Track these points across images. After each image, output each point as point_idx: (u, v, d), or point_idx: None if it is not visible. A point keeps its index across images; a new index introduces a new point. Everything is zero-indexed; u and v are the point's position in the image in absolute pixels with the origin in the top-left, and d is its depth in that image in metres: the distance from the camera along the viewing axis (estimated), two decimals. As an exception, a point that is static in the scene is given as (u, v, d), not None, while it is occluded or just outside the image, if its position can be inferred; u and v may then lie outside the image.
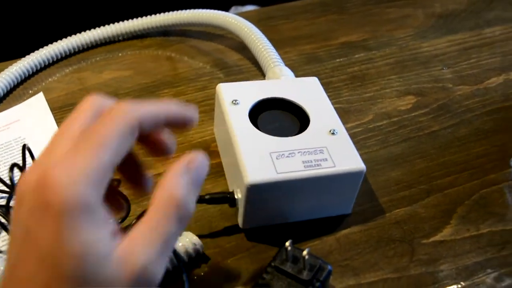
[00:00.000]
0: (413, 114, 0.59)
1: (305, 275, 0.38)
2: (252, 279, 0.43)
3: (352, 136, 0.55)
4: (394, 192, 0.50)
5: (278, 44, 0.69)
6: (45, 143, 0.31)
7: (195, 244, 0.44)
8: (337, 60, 0.67)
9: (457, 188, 0.50)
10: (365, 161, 0.52)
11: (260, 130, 0.46)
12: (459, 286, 0.42)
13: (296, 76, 0.61)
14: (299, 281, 0.38)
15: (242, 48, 0.69)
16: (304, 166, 0.43)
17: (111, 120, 0.29)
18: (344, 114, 0.59)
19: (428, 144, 0.55)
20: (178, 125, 0.34)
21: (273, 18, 0.76)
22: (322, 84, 0.55)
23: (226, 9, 1.12)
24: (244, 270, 0.43)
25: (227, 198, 0.45)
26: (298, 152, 0.44)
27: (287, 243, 0.39)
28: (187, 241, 0.44)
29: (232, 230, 0.47)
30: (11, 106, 0.65)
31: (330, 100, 0.51)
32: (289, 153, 0.44)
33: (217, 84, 0.52)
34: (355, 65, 0.66)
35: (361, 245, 0.46)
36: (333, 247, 0.45)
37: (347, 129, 0.55)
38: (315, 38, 0.71)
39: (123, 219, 0.47)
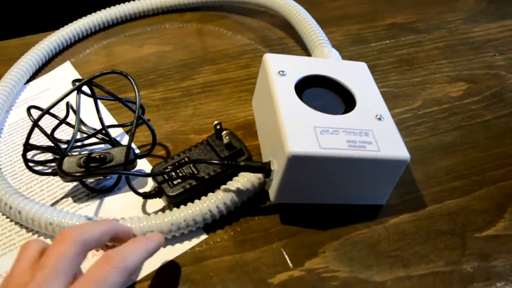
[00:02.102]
0: (464, 102, 0.56)
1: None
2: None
3: (401, 122, 0.53)
4: (445, 182, 0.48)
5: (322, 23, 0.66)
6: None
7: (259, 178, 0.46)
8: (384, 42, 0.64)
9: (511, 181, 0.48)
10: (414, 148, 0.50)
11: (305, 104, 0.45)
12: (515, 283, 0.41)
13: (342, 57, 0.59)
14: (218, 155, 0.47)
15: (285, 25, 0.67)
16: (348, 146, 0.41)
17: (60, 247, 0.34)
18: (392, 98, 0.57)
19: (481, 134, 0.53)
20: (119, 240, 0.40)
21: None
22: (370, 66, 0.53)
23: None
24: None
25: (262, 168, 0.43)
26: (343, 131, 0.42)
27: (216, 122, 0.47)
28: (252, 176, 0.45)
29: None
30: (47, 77, 0.65)
31: (377, 84, 0.49)
32: (334, 130, 0.42)
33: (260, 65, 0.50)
34: (403, 48, 0.64)
35: (410, 235, 0.44)
36: (381, 236, 0.44)
37: (395, 114, 0.54)
38: (361, 18, 0.69)
39: (149, 152, 0.50)
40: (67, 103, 0.53)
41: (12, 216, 0.46)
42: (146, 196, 0.46)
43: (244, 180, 0.45)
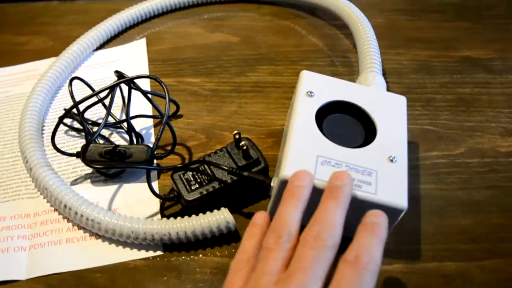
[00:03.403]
0: (510, 160, 0.53)
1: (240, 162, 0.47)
2: None
3: (434, 167, 0.51)
4: (454, 242, 0.46)
5: (393, 42, 0.65)
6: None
7: (228, 222, 0.46)
8: (450, 75, 0.61)
9: (528, 259, 0.45)
10: (437, 197, 0.49)
11: (322, 129, 0.45)
12: None
13: (395, 84, 0.57)
14: (235, 163, 0.48)
15: (354, 38, 0.66)
16: None
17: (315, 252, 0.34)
18: (434, 139, 0.54)
19: (515, 199, 0.50)
20: None
21: (397, 11, 0.71)
22: (424, 99, 0.52)
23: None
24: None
25: (263, 182, 0.45)
26: (346, 166, 0.42)
27: (235, 132, 0.47)
28: (221, 218, 0.46)
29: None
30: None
31: (424, 121, 0.49)
32: (336, 163, 0.42)
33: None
34: (467, 85, 0.60)
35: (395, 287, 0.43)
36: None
37: (431, 157, 0.52)
38: (435, 44, 0.65)
39: (167, 154, 0.53)
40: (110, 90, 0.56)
41: (38, 188, 0.52)
42: (165, 198, 0.49)
43: (212, 220, 0.46)
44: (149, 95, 0.54)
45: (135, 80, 0.53)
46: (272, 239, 0.36)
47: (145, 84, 0.62)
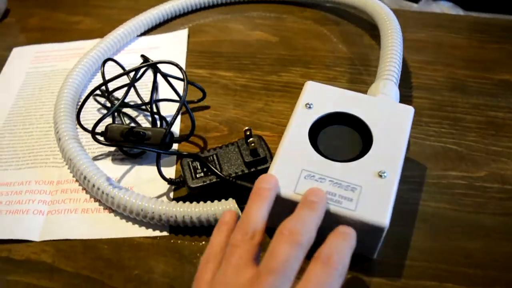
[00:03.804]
0: (532, 190, 0.51)
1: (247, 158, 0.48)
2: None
3: (450, 186, 0.51)
4: (458, 264, 0.45)
5: (431, 58, 0.64)
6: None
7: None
8: (485, 97, 0.59)
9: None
10: (447, 217, 0.48)
11: (316, 141, 0.46)
12: None
13: (425, 99, 0.57)
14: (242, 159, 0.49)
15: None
16: None
17: (288, 250, 0.34)
18: (456, 158, 0.53)
19: (530, 231, 0.48)
20: None
21: (440, 27, 0.69)
22: (453, 117, 0.51)
23: (416, 0, 1.04)
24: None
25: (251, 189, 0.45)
26: (330, 181, 0.42)
27: (246, 128, 0.48)
28: (227, 208, 0.47)
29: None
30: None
31: (449, 140, 0.50)
32: (320, 177, 0.42)
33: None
34: (501, 110, 0.58)
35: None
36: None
37: (449, 177, 0.51)
38: (474, 64, 0.64)
39: (186, 138, 0.54)
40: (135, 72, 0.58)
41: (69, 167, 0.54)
42: (170, 182, 0.51)
43: (218, 208, 0.47)
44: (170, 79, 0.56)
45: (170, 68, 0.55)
46: (238, 235, 0.37)
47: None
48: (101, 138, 0.53)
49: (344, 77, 0.63)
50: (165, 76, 0.55)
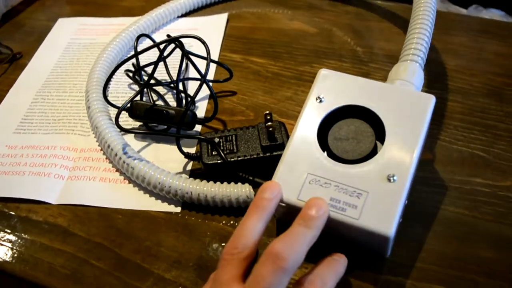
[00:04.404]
0: (559, 205, 0.49)
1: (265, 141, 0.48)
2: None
3: (473, 193, 0.49)
4: (469, 271, 0.44)
5: (471, 62, 0.62)
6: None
7: (247, 197, 0.47)
8: (521, 107, 0.57)
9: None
10: (466, 223, 0.47)
11: (326, 137, 0.44)
12: None
13: (457, 103, 0.55)
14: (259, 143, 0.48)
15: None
16: (328, 204, 0.40)
17: (273, 275, 0.35)
18: (482, 165, 0.52)
19: (552, 246, 0.46)
20: None
21: (484, 32, 0.67)
22: (484, 124, 0.49)
23: (465, 5, 1.01)
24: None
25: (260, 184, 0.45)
26: (335, 186, 0.40)
27: (267, 112, 0.47)
28: (242, 191, 0.47)
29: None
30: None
31: (477, 146, 0.48)
32: (325, 182, 0.41)
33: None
34: (536, 121, 0.56)
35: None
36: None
37: (473, 183, 0.50)
38: (513, 73, 0.62)
39: (210, 119, 0.55)
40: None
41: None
42: (187, 156, 0.51)
43: (233, 191, 0.47)
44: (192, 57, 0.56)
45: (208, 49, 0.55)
46: (228, 249, 0.37)
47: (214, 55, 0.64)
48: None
49: (377, 73, 0.62)
50: (188, 53, 0.55)
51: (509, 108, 0.57)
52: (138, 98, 0.55)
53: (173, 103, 0.58)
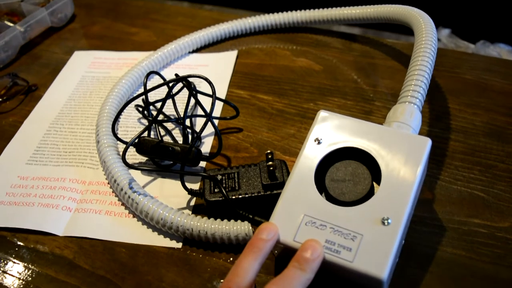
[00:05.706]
0: (558, 249, 0.49)
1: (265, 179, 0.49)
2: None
3: (471, 234, 0.50)
4: (463, 314, 0.44)
5: (473, 101, 0.63)
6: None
7: (246, 235, 0.48)
8: (523, 148, 0.58)
9: None
10: (462, 265, 0.47)
11: (323, 179, 0.45)
12: None
13: (458, 142, 0.55)
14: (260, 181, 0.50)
15: (435, 87, 0.65)
16: (323, 246, 0.41)
17: None
18: (481, 206, 0.52)
19: (549, 290, 0.46)
20: None
21: (488, 71, 0.68)
22: (485, 164, 0.49)
23: (473, 41, 1.02)
24: None
25: (260, 222, 0.46)
26: (331, 228, 0.41)
27: (268, 151, 0.49)
28: (241, 229, 0.48)
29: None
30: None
31: (477, 186, 0.48)
32: (321, 224, 0.42)
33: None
34: (538, 162, 0.56)
35: None
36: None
37: (471, 224, 0.51)
38: (517, 114, 0.62)
39: (213, 156, 0.56)
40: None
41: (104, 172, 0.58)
42: (190, 192, 0.53)
43: (232, 228, 0.48)
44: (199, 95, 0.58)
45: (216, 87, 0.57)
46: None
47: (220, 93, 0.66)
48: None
49: (380, 112, 0.63)
50: (195, 92, 0.57)
51: (510, 148, 0.58)
52: (146, 133, 0.57)
53: (180, 138, 0.60)
